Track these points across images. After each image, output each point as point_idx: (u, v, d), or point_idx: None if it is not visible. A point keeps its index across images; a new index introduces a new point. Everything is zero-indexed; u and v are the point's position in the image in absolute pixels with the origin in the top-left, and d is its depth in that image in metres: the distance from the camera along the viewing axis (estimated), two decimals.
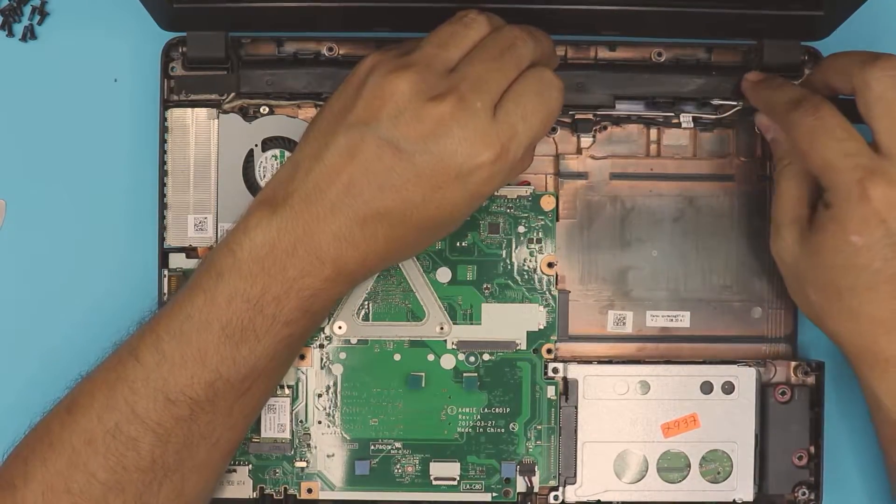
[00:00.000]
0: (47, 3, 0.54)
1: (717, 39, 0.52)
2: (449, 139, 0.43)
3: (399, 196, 0.43)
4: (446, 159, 0.43)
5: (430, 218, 0.44)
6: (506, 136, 0.43)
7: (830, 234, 0.45)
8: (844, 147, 0.45)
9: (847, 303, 0.46)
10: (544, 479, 0.52)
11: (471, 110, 0.43)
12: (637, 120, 0.53)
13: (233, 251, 0.44)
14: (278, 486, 0.52)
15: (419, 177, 0.43)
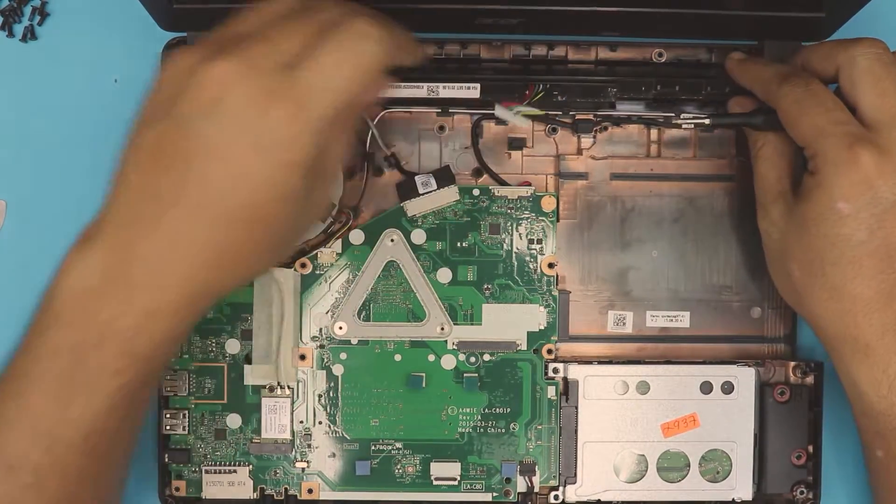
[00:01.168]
0: (47, 3, 0.54)
1: (718, 40, 0.52)
2: (233, 100, 0.38)
3: (204, 184, 0.39)
4: (236, 125, 0.38)
5: (247, 204, 0.39)
6: (300, 91, 0.39)
7: (816, 201, 0.45)
8: (835, 115, 0.45)
9: (830, 279, 0.45)
10: (545, 479, 0.52)
11: (256, 69, 0.38)
12: (637, 120, 0.53)
13: (51, 297, 0.40)
14: (279, 487, 0.52)
15: (214, 153, 0.38)
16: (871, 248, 0.44)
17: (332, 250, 0.52)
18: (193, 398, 0.52)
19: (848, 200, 0.44)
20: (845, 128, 0.44)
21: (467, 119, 0.53)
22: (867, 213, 0.44)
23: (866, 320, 0.45)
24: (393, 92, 0.51)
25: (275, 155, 0.39)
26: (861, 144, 0.44)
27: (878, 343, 0.45)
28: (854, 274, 0.44)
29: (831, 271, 0.45)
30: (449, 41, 0.52)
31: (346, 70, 0.40)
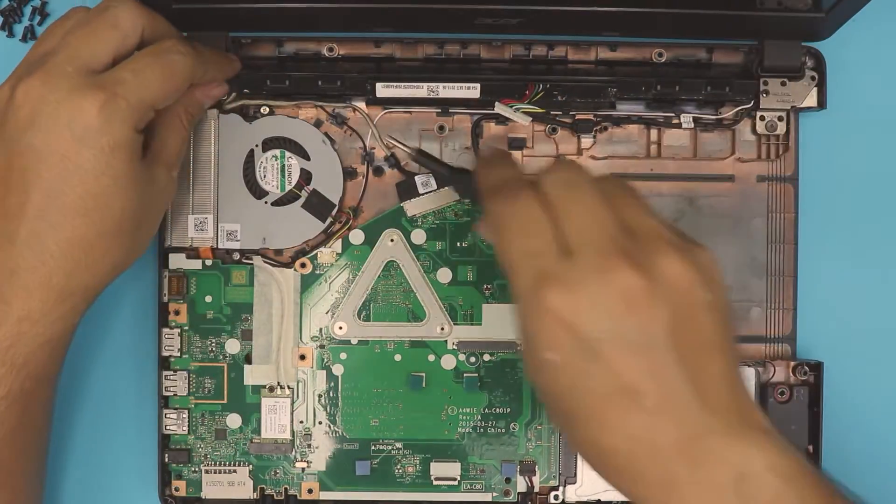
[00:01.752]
0: (47, 3, 0.54)
1: (717, 40, 0.52)
2: (46, 105, 0.42)
3: (44, 190, 0.43)
4: (57, 127, 0.42)
5: (81, 195, 0.43)
6: (111, 84, 0.43)
7: (529, 353, 0.39)
8: (527, 243, 0.38)
9: (582, 434, 0.39)
10: (545, 479, 0.53)
11: (61, 75, 0.43)
12: (637, 120, 0.53)
13: None
14: (279, 487, 0.52)
15: (42, 159, 0.42)
16: (604, 395, 0.38)
17: (332, 250, 0.52)
18: (193, 398, 0.52)
19: (552, 349, 0.38)
20: (534, 260, 0.38)
21: (467, 119, 0.53)
22: (580, 359, 0.37)
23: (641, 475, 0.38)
24: (393, 92, 0.51)
25: (93, 141, 0.42)
26: (545, 281, 0.37)
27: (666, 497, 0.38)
28: (601, 425, 0.38)
29: (578, 425, 0.39)
30: (449, 41, 0.52)
31: (157, 70, 0.44)
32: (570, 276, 0.37)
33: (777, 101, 0.52)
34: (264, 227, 0.52)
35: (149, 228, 0.47)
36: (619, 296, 0.37)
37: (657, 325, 0.37)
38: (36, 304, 0.44)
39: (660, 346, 0.37)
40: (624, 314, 0.37)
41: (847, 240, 0.55)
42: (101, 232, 0.44)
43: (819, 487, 0.38)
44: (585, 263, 0.37)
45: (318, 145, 0.52)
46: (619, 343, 0.37)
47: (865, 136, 0.55)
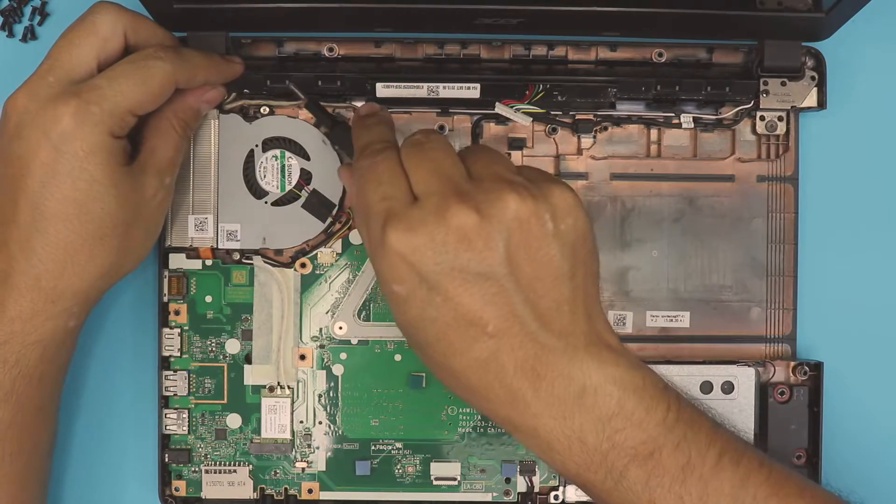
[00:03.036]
0: (47, 3, 0.54)
1: (718, 40, 0.52)
2: (28, 114, 0.44)
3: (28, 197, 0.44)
4: (37, 135, 0.44)
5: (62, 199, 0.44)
6: (85, 92, 0.44)
7: (382, 288, 0.43)
8: (382, 190, 0.42)
9: (435, 359, 0.43)
10: (545, 479, 0.53)
11: (43, 84, 0.45)
12: (637, 120, 0.53)
13: None
14: (279, 487, 0.52)
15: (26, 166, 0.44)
16: (447, 323, 0.41)
17: (332, 250, 0.52)
18: (193, 398, 0.52)
19: (398, 282, 0.41)
20: (385, 204, 0.42)
21: (467, 119, 0.53)
22: (424, 291, 0.41)
23: (492, 393, 0.42)
24: (393, 92, 0.51)
25: (69, 147, 0.44)
26: (390, 222, 0.41)
27: (514, 413, 0.42)
28: (450, 350, 0.42)
29: (430, 352, 0.42)
30: (449, 41, 0.52)
31: (133, 77, 0.45)
32: (412, 217, 0.41)
33: (777, 101, 0.52)
34: (264, 227, 0.52)
35: (142, 235, 0.48)
36: (454, 233, 0.40)
37: (492, 257, 0.40)
38: (27, 304, 0.45)
39: (497, 276, 0.41)
40: (459, 249, 0.40)
41: (847, 240, 0.55)
42: (84, 236, 0.45)
43: (664, 398, 0.42)
44: (427, 206, 0.41)
45: (318, 145, 0.52)
46: (456, 276, 0.40)
47: (865, 136, 0.55)
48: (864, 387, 0.55)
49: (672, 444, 0.42)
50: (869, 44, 0.54)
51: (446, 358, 0.42)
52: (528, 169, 0.44)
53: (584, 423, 0.41)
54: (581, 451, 0.42)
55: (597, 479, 0.42)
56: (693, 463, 0.42)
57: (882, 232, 0.55)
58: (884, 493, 0.54)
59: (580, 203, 0.42)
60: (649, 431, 0.41)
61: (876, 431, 0.54)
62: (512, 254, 0.41)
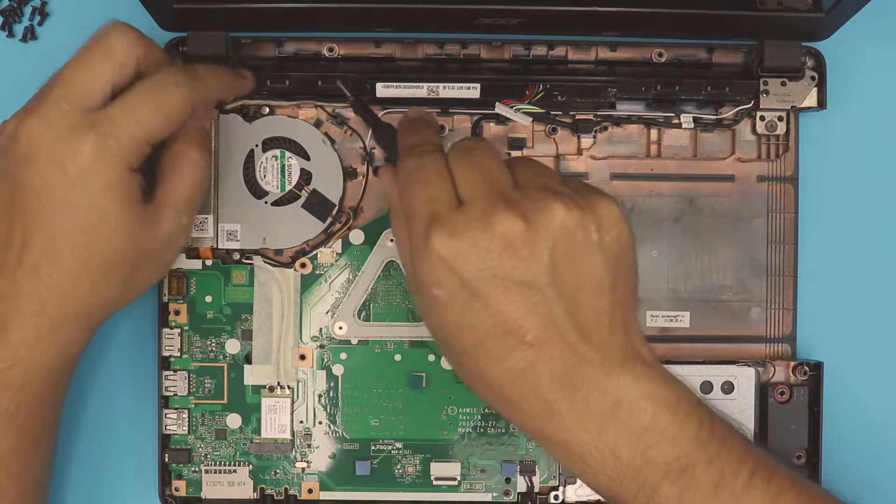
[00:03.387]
0: (47, 3, 0.54)
1: (718, 40, 0.52)
2: (42, 144, 0.43)
3: (38, 224, 0.43)
4: (51, 165, 0.43)
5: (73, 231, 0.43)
6: (103, 123, 0.43)
7: (421, 291, 0.42)
8: (428, 192, 0.42)
9: (469, 367, 0.42)
10: (545, 479, 0.53)
11: (57, 112, 0.43)
12: (637, 120, 0.53)
13: None
14: (279, 487, 0.52)
15: (38, 193, 0.43)
16: (486, 330, 0.41)
17: (332, 250, 0.52)
18: (193, 398, 0.52)
19: (439, 285, 0.41)
20: (430, 206, 0.42)
21: (467, 119, 0.53)
22: (464, 296, 0.41)
23: (525, 404, 0.42)
24: (393, 92, 0.51)
25: (86, 182, 0.43)
26: (435, 225, 0.41)
27: (548, 425, 0.42)
28: (486, 358, 0.42)
29: (465, 359, 0.42)
30: (449, 41, 0.52)
31: (150, 105, 0.44)
32: (457, 221, 0.41)
33: (777, 101, 0.52)
34: (264, 227, 0.52)
35: (149, 273, 0.47)
36: (499, 239, 0.40)
37: (536, 266, 0.40)
38: (31, 330, 0.44)
39: (540, 285, 0.40)
40: (503, 256, 0.40)
41: (847, 240, 0.55)
42: (90, 267, 0.44)
43: (697, 414, 0.42)
44: (473, 211, 0.41)
45: (318, 145, 0.52)
46: (499, 283, 0.40)
47: (865, 136, 0.55)
48: (864, 387, 0.55)
49: (705, 460, 0.42)
50: (869, 44, 0.54)
51: (481, 366, 0.42)
52: (574, 181, 0.44)
53: (617, 438, 0.41)
54: (614, 465, 0.42)
55: (629, 493, 0.42)
56: (725, 480, 0.42)
57: (882, 232, 0.55)
58: (884, 493, 0.54)
59: (624, 216, 0.42)
60: (682, 447, 0.42)
61: (876, 431, 0.55)
62: (556, 263, 0.41)
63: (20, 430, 0.46)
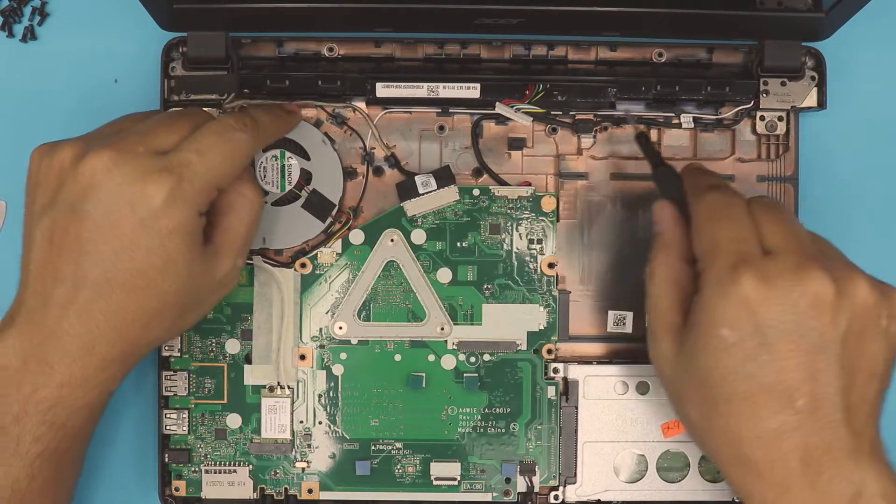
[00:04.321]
0: (47, 3, 0.54)
1: (717, 40, 0.52)
2: (111, 182, 0.42)
3: (97, 261, 0.43)
4: (119, 204, 0.42)
5: (133, 272, 0.43)
6: (177, 166, 0.43)
7: (700, 327, 0.42)
8: (736, 231, 0.43)
9: (724, 419, 0.42)
10: (545, 479, 0.53)
11: (130, 154, 0.43)
12: (637, 120, 0.53)
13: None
14: (279, 487, 0.52)
15: (103, 232, 0.43)
16: (763, 384, 0.41)
17: (332, 250, 0.52)
18: (193, 398, 0.52)
19: (731, 327, 0.41)
20: (739, 246, 0.42)
21: (467, 119, 0.53)
22: (754, 343, 0.41)
23: (767, 470, 0.41)
24: (393, 92, 0.51)
25: (154, 224, 0.43)
26: (746, 266, 0.41)
27: (780, 498, 0.41)
28: (749, 413, 0.41)
29: (724, 410, 0.42)
30: (449, 41, 0.52)
31: (222, 152, 0.44)
32: (769, 268, 0.41)
33: (777, 101, 0.52)
34: (264, 227, 0.52)
35: (199, 312, 0.48)
36: (809, 297, 0.41)
37: (833, 334, 0.41)
38: (78, 370, 0.44)
39: (829, 353, 0.41)
40: (807, 314, 0.40)
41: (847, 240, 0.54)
42: (145, 309, 0.44)
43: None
44: (785, 261, 0.41)
45: (318, 145, 0.52)
46: (794, 339, 0.40)
47: (865, 136, 0.55)
48: None
49: None
50: (869, 44, 0.54)
51: (739, 421, 0.41)
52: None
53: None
54: None
55: None
56: None
57: (882, 232, 0.55)
58: None
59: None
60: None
61: None
62: (847, 337, 0.41)
63: (57, 464, 0.45)
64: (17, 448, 0.44)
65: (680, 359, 0.44)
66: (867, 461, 0.41)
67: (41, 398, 0.44)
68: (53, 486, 0.46)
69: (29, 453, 0.44)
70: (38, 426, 0.44)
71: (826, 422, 0.41)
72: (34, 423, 0.44)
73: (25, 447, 0.44)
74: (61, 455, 0.45)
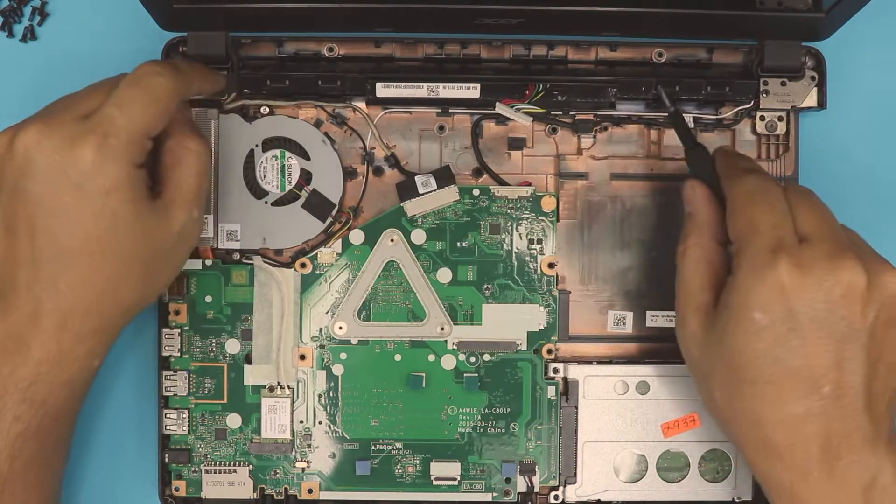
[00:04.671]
0: (47, 3, 0.54)
1: (718, 40, 0.52)
2: (43, 155, 0.43)
3: (49, 236, 0.43)
4: (54, 174, 0.43)
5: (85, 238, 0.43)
6: (101, 126, 0.43)
7: (733, 308, 0.43)
8: (773, 217, 0.43)
9: (748, 401, 0.43)
10: (545, 479, 0.53)
11: (56, 123, 0.43)
12: (637, 120, 0.53)
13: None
14: (279, 487, 0.52)
15: (47, 205, 0.43)
16: (791, 368, 0.42)
17: (332, 250, 0.52)
18: (193, 398, 0.52)
19: (764, 310, 0.42)
20: (777, 231, 0.43)
21: (467, 119, 0.53)
22: (785, 328, 0.42)
23: (788, 454, 0.42)
24: (393, 92, 0.51)
25: (91, 186, 0.43)
26: (784, 251, 0.42)
27: (799, 482, 0.42)
28: (774, 396, 0.42)
29: (749, 392, 0.43)
30: (449, 41, 0.52)
31: (139, 99, 0.44)
32: (804, 256, 0.42)
33: (777, 101, 0.52)
34: (264, 227, 0.52)
35: (166, 270, 0.47)
36: (842, 286, 0.42)
37: (862, 324, 0.42)
38: (54, 345, 0.44)
39: (856, 342, 0.42)
40: (840, 303, 0.41)
41: None
42: (108, 274, 0.44)
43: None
44: (821, 249, 0.42)
45: (318, 145, 0.52)
46: (824, 327, 0.41)
47: (865, 136, 0.55)
48: None
49: None
50: (869, 44, 0.54)
51: (763, 404, 0.42)
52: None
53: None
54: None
55: None
56: None
57: (881, 232, 0.55)
58: None
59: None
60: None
61: None
62: (874, 328, 0.42)
63: (40, 444, 0.46)
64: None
65: (708, 339, 0.44)
66: (884, 449, 0.42)
67: (20, 377, 0.44)
68: (37, 468, 0.46)
69: (10, 433, 0.44)
70: (19, 405, 0.44)
71: (849, 409, 0.42)
72: (14, 401, 0.44)
73: (6, 426, 0.44)
74: (44, 435, 0.45)
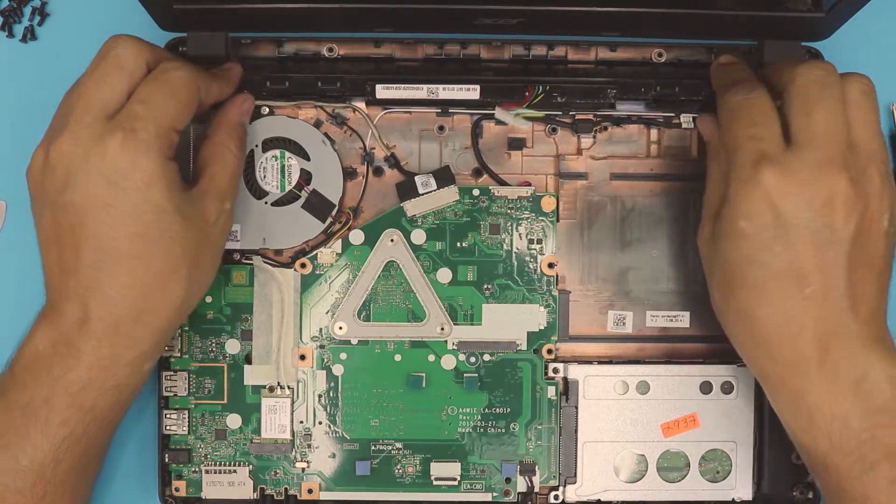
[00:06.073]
0: (47, 3, 0.54)
1: (717, 40, 0.52)
2: (75, 163, 0.44)
3: (95, 241, 0.44)
4: (91, 178, 0.43)
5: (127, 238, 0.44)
6: (127, 122, 0.44)
7: (723, 219, 0.45)
8: (755, 130, 0.44)
9: (739, 302, 0.45)
10: (545, 479, 0.53)
11: (82, 126, 0.44)
12: (637, 120, 0.53)
13: (13, 363, 0.46)
14: (279, 487, 0.52)
15: (91, 211, 0.43)
16: (775, 271, 0.44)
17: (332, 250, 0.52)
18: (193, 398, 0.52)
19: (749, 219, 0.44)
20: (758, 144, 0.44)
21: (467, 119, 0.53)
22: (769, 235, 0.43)
23: (778, 350, 0.44)
24: (393, 93, 0.51)
25: (126, 183, 0.43)
26: (766, 163, 0.43)
27: (791, 376, 0.44)
28: (762, 297, 0.44)
29: (740, 294, 0.45)
30: (449, 41, 0.52)
31: (160, 91, 0.45)
32: (790, 163, 0.43)
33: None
34: (264, 227, 0.52)
35: (209, 262, 0.48)
36: (825, 194, 0.43)
37: (844, 231, 0.43)
38: (105, 350, 0.45)
39: (839, 247, 0.43)
40: (822, 210, 0.43)
41: None
42: (156, 272, 0.45)
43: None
44: (808, 157, 0.43)
45: (318, 145, 0.52)
46: (808, 232, 0.43)
47: None
48: None
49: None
50: (869, 44, 0.54)
51: (753, 304, 0.44)
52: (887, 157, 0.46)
53: (852, 409, 0.43)
54: (841, 433, 0.44)
55: (844, 463, 0.44)
56: None
57: None
58: None
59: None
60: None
61: None
62: (856, 234, 0.43)
63: (84, 450, 0.46)
64: (45, 430, 0.44)
65: (710, 244, 0.47)
66: (874, 347, 0.44)
67: (70, 380, 0.44)
68: (77, 474, 0.46)
69: (56, 436, 0.45)
70: (67, 409, 0.45)
71: (834, 309, 0.43)
72: (62, 405, 0.44)
73: (53, 429, 0.44)
74: (88, 440, 0.46)
